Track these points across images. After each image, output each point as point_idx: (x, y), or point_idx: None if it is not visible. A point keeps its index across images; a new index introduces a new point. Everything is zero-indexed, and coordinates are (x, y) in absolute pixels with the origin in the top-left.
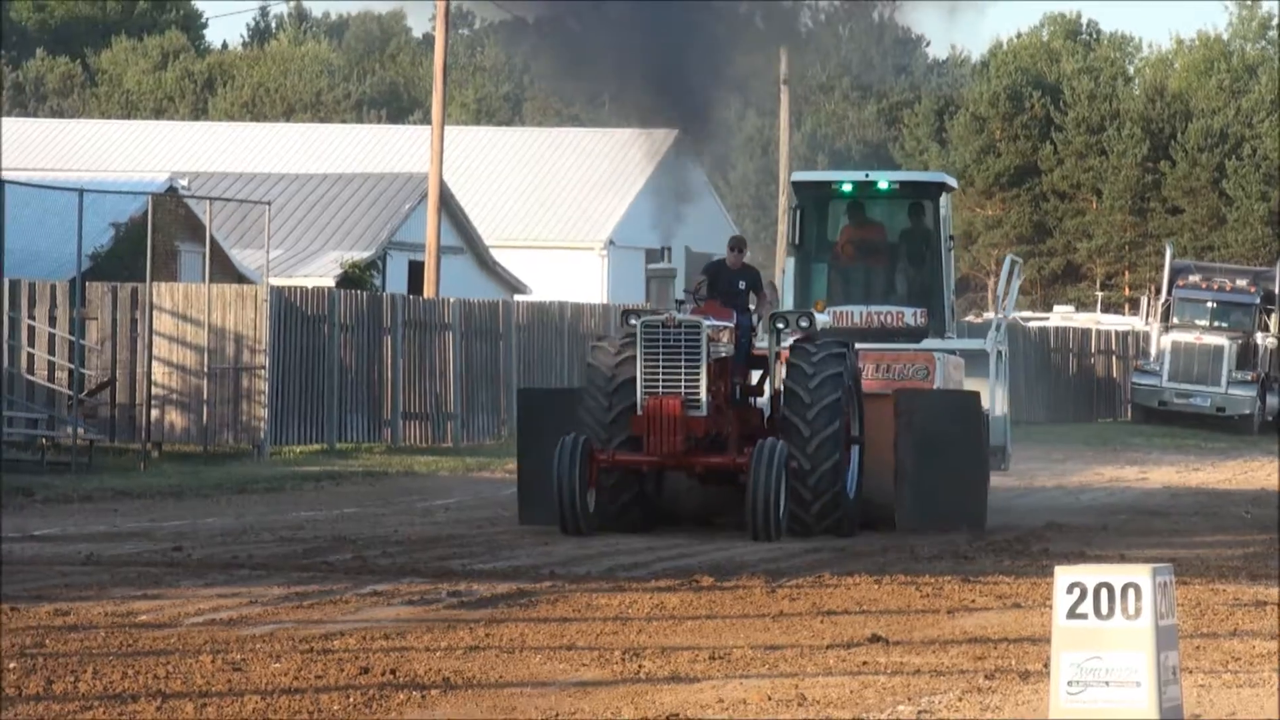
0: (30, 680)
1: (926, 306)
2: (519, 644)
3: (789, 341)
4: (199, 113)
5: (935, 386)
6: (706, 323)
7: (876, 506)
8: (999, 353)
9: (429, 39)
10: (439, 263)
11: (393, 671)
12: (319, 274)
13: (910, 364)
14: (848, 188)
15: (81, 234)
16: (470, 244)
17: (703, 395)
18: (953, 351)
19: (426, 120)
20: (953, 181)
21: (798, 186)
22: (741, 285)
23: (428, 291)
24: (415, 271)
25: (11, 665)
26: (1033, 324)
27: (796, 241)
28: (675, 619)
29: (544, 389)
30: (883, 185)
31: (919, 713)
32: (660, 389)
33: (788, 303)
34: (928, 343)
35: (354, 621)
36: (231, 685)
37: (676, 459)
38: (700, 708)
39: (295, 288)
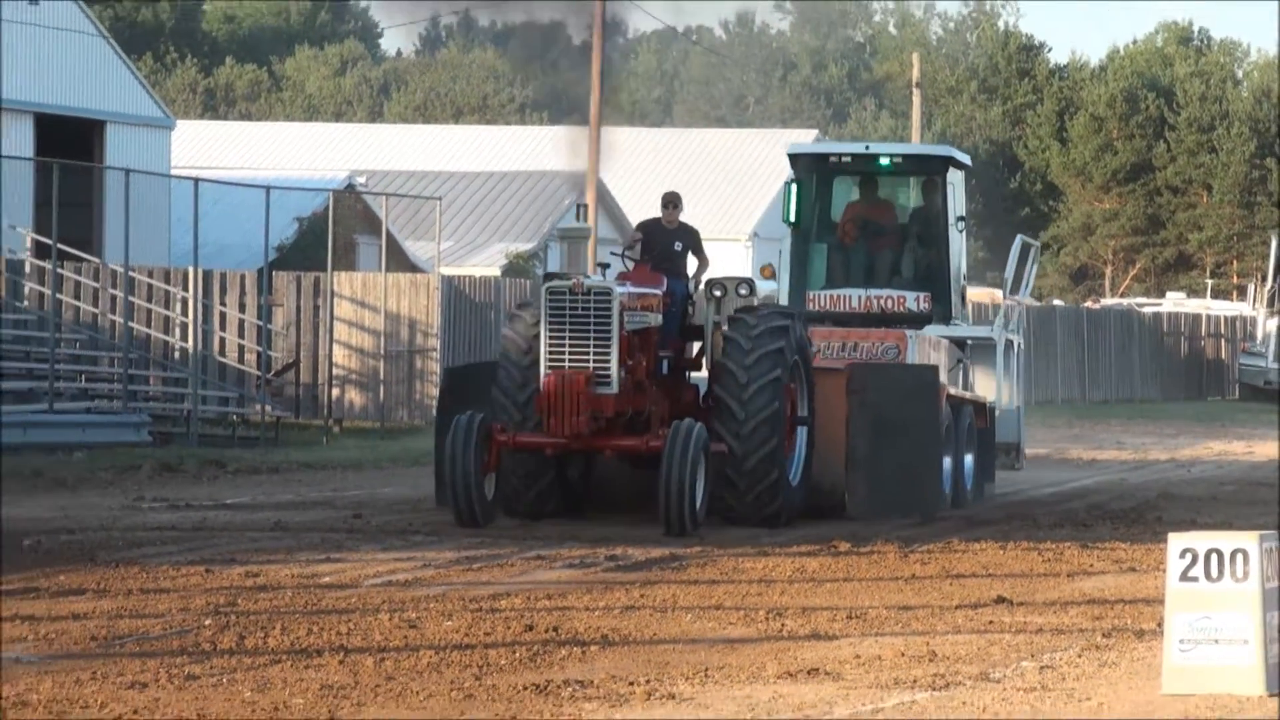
0: (224, 636)
1: (931, 291)
2: (671, 604)
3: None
4: (375, 116)
5: (909, 364)
6: (620, 289)
7: (824, 493)
8: (1009, 342)
9: (587, 46)
10: (596, 253)
11: (555, 629)
12: (485, 264)
13: (879, 343)
14: (847, 160)
15: (269, 228)
16: (625, 236)
17: (613, 370)
18: (963, 343)
19: (584, 121)
20: (962, 157)
21: (794, 159)
22: (678, 246)
23: None
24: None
25: (207, 622)
26: (1146, 310)
27: (793, 219)
28: (815, 581)
29: (469, 364)
30: (884, 159)
31: (1041, 669)
32: (566, 363)
33: (783, 283)
34: (930, 330)
35: (519, 583)
36: (407, 641)
37: (582, 441)
38: (838, 663)
39: (464, 276)
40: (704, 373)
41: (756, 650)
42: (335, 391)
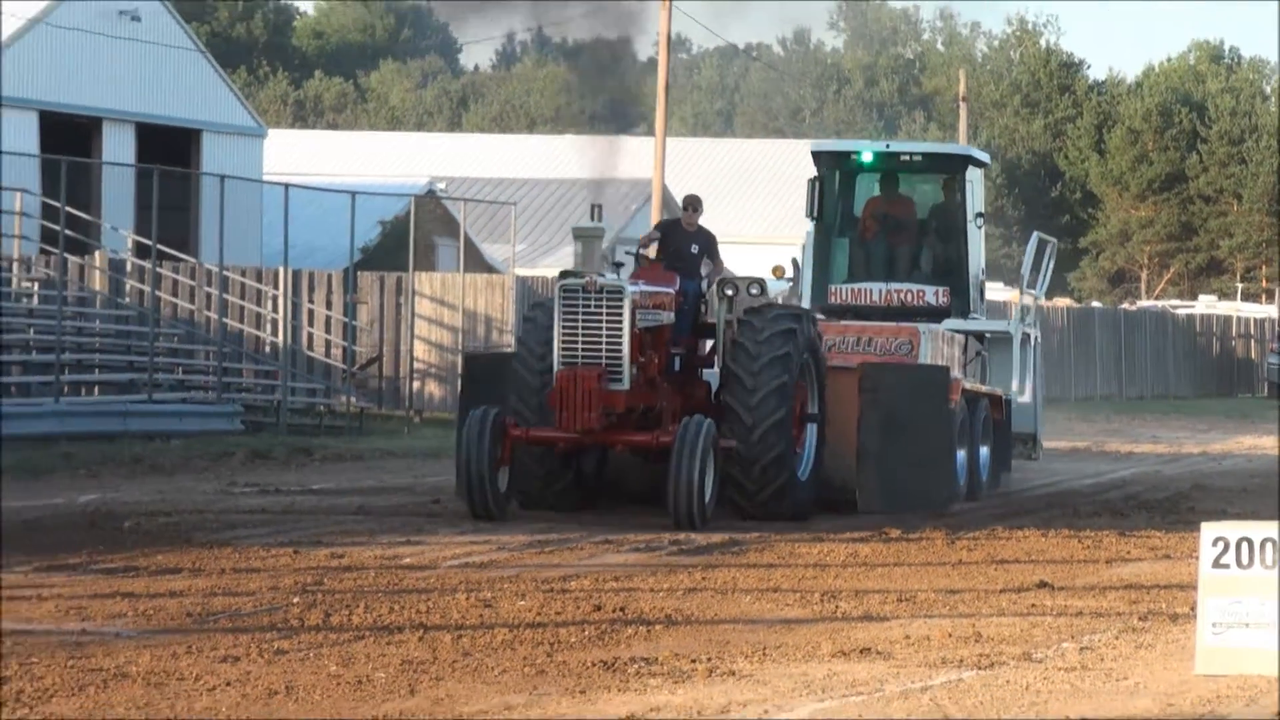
0: (311, 613)
1: (950, 285)
2: (731, 586)
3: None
4: (454, 125)
5: (920, 363)
6: (633, 288)
7: (836, 489)
8: (1025, 336)
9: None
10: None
11: (621, 609)
12: (557, 264)
13: (893, 338)
14: (867, 157)
15: (354, 231)
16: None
17: (624, 367)
18: (982, 336)
19: (650, 132)
20: (981, 156)
21: (817, 156)
22: (694, 249)
23: None
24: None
25: (295, 600)
26: (1180, 311)
27: (815, 214)
28: (867, 565)
29: (489, 353)
30: (904, 156)
31: (1081, 649)
32: (579, 359)
33: (806, 277)
34: (948, 323)
35: (588, 565)
36: (483, 619)
37: (594, 436)
38: (889, 643)
39: (536, 277)
40: (716, 369)
41: (812, 630)
42: (416, 384)
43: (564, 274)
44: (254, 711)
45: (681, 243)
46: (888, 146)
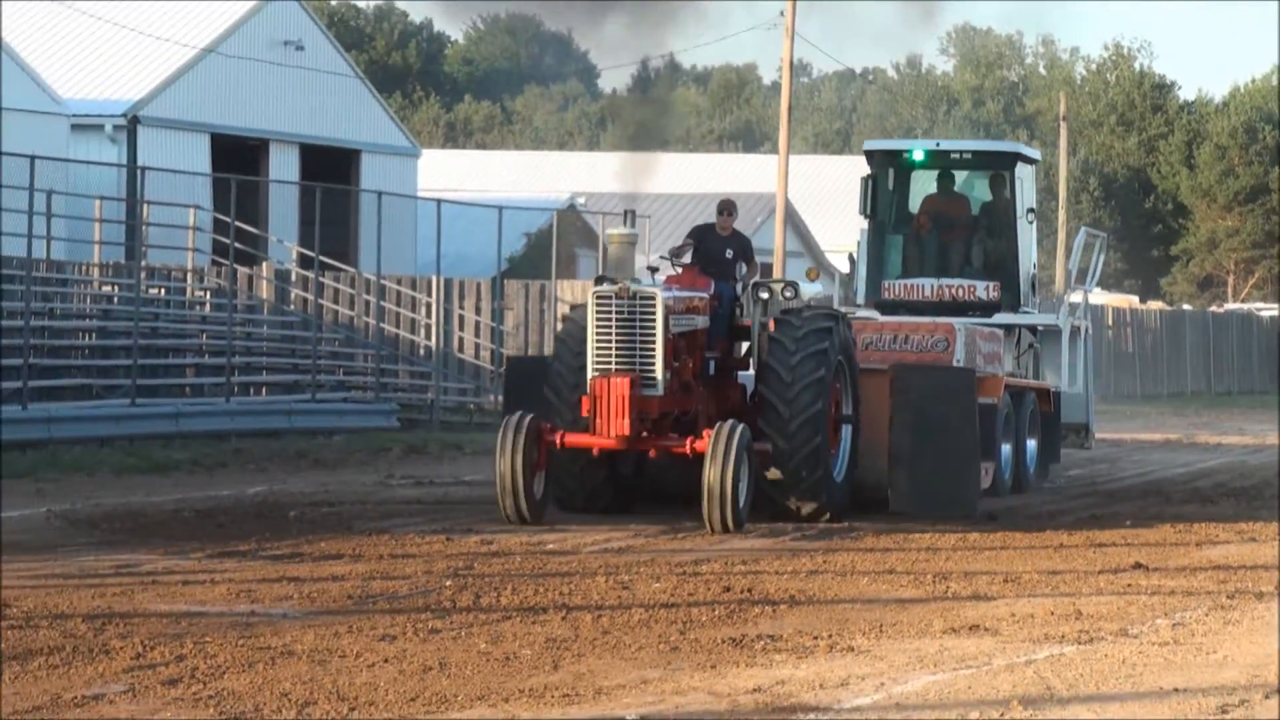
0: (462, 595)
1: (1000, 280)
2: (850, 569)
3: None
4: (593, 145)
5: (956, 359)
6: (666, 294)
7: (869, 489)
8: (1075, 329)
9: (776, 85)
10: (785, 263)
11: (749, 590)
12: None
13: (929, 335)
14: (919, 155)
15: (501, 242)
16: (809, 248)
17: (658, 373)
18: (1034, 328)
19: (774, 150)
20: (1031, 152)
21: (870, 155)
22: (729, 253)
23: None
24: (765, 272)
25: (448, 584)
26: (1264, 314)
27: (869, 212)
28: (975, 549)
29: (533, 358)
30: (954, 154)
31: (1174, 625)
32: (613, 366)
33: (860, 273)
34: (999, 317)
35: (717, 550)
36: (621, 600)
37: (629, 442)
38: (996, 620)
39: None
40: (751, 372)
41: (925, 609)
42: None
43: (599, 280)
44: (410, 686)
45: (716, 247)
46: (938, 145)
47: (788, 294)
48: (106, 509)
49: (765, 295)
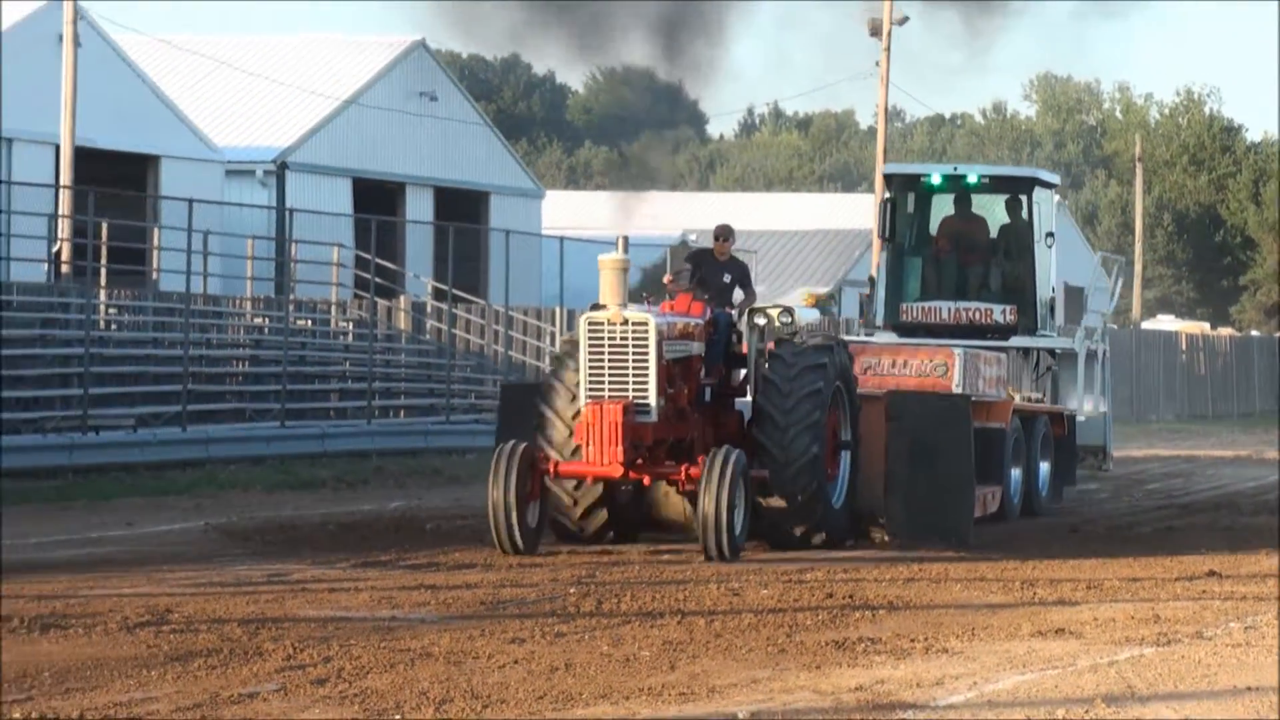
0: (585, 601)
1: (1018, 304)
2: (943, 576)
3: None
4: (703, 185)
5: (955, 384)
6: (659, 319)
7: (865, 516)
8: (1091, 352)
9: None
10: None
11: (850, 596)
12: (792, 303)
13: (928, 360)
14: (937, 180)
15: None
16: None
17: (652, 399)
18: (1054, 352)
19: (871, 190)
20: (1049, 177)
21: (890, 179)
22: (727, 278)
23: None
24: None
25: (572, 591)
26: None
27: (887, 234)
28: (1059, 557)
29: (525, 384)
30: (971, 179)
31: (1246, 629)
32: (606, 393)
33: (879, 295)
34: (1015, 340)
35: (820, 559)
36: (731, 605)
37: (621, 469)
38: (1080, 624)
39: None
40: (749, 399)
41: (1013, 614)
42: None
43: (594, 307)
44: (538, 685)
45: (713, 273)
46: (955, 169)
47: (784, 320)
48: (259, 522)
49: (762, 321)
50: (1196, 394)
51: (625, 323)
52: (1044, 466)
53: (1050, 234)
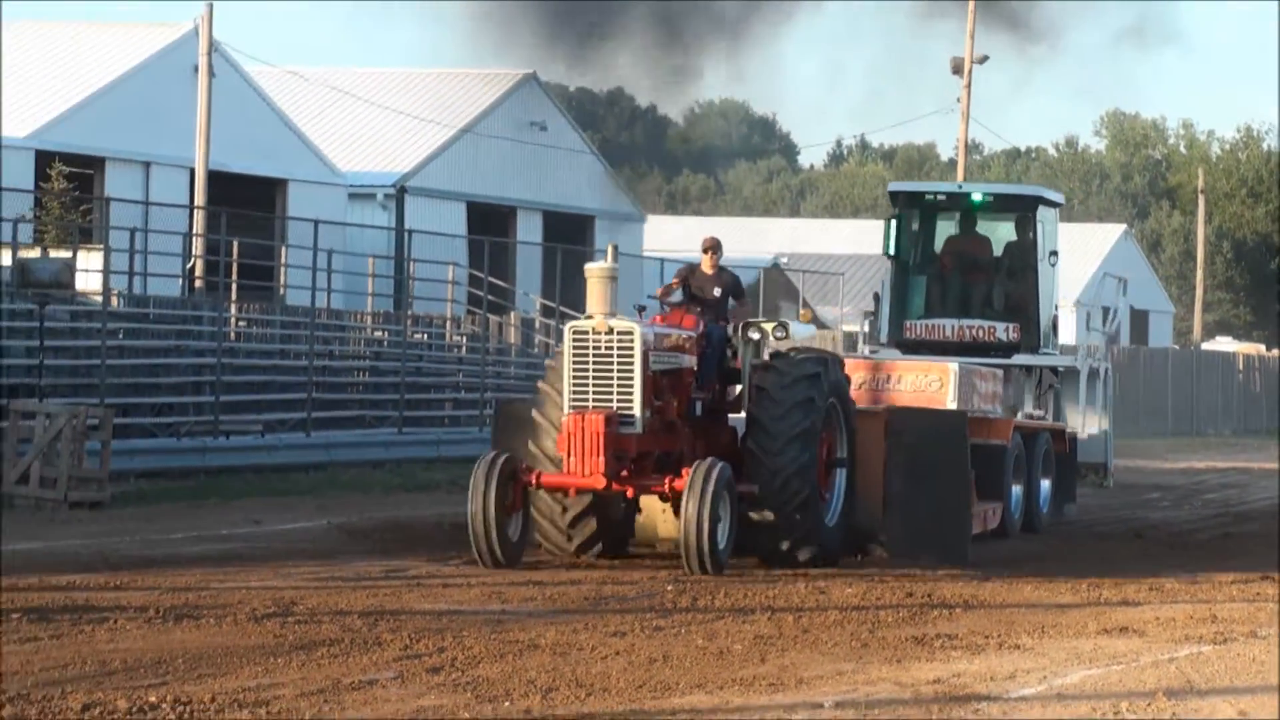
0: (682, 598)
1: (1020, 322)
2: (1015, 577)
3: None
4: (794, 212)
5: (949, 400)
6: (646, 330)
7: (864, 533)
8: (1094, 371)
9: (952, 162)
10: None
11: (928, 595)
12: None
13: (923, 375)
14: (941, 198)
15: None
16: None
17: (637, 410)
18: (1056, 370)
19: None
20: (1054, 196)
21: (895, 196)
22: (717, 291)
23: None
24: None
25: (669, 588)
26: None
27: (892, 252)
28: (1124, 560)
29: (522, 402)
30: (976, 197)
31: None
32: (590, 403)
33: (884, 312)
34: (1018, 358)
35: (901, 562)
36: (818, 603)
37: (603, 481)
38: (1142, 623)
39: (859, 332)
40: (743, 414)
41: (1080, 613)
42: None
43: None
44: (638, 675)
45: (704, 286)
46: (960, 187)
47: (779, 334)
48: (377, 521)
49: (756, 336)
50: (1252, 410)
51: (610, 332)
52: (1045, 483)
53: (1054, 252)
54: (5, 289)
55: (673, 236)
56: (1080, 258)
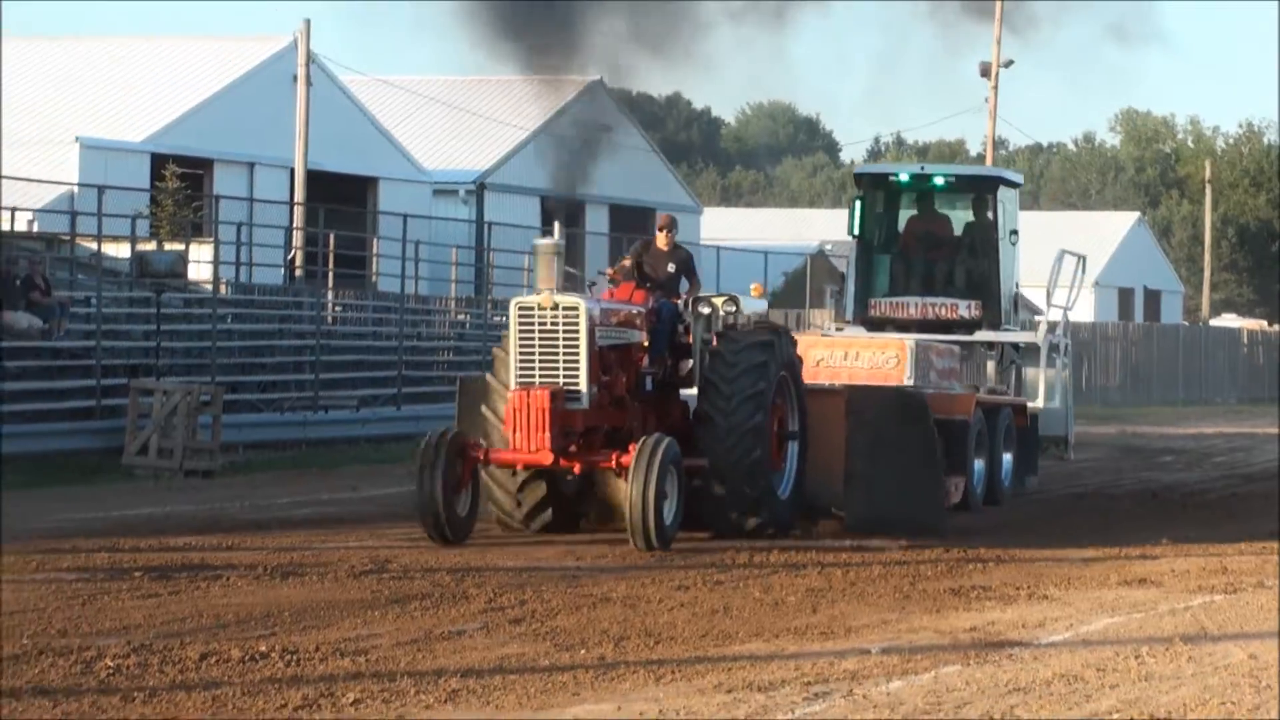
0: (740, 555)
1: (982, 299)
2: (1043, 533)
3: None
4: (836, 204)
5: (906, 376)
6: (592, 305)
7: (821, 510)
8: (1053, 345)
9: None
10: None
11: (964, 550)
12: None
13: (880, 352)
14: (905, 179)
15: (767, 279)
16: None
17: (583, 386)
18: (1018, 346)
19: None
20: (1014, 176)
21: (859, 178)
22: (671, 268)
23: None
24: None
25: (727, 546)
26: None
27: (856, 233)
28: (1141, 517)
29: (481, 377)
30: (938, 179)
31: None
32: (536, 379)
33: (849, 290)
34: (979, 335)
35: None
36: (863, 559)
37: (552, 456)
38: (1159, 575)
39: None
40: (695, 390)
41: (1103, 566)
42: None
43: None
44: (701, 625)
45: (656, 263)
46: (922, 168)
47: (729, 309)
48: None
49: (707, 311)
50: (1255, 381)
51: (556, 307)
52: (1007, 457)
53: (1014, 231)
54: (125, 279)
55: (727, 226)
56: (1098, 243)
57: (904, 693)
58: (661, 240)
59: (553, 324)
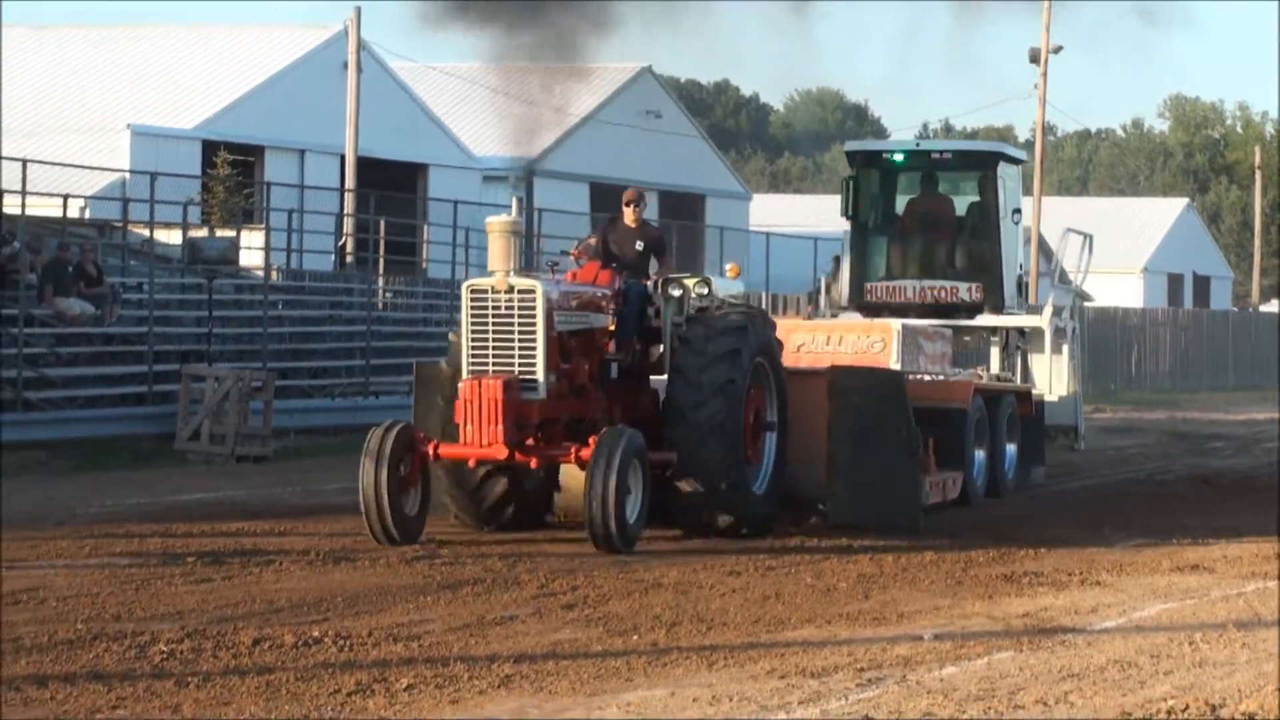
0: (791, 540)
1: (983, 282)
2: (1096, 522)
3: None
4: None
5: (893, 361)
6: (550, 288)
7: (804, 501)
8: (1059, 329)
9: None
10: (1037, 284)
11: (1014, 539)
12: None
13: (864, 336)
14: (899, 156)
15: (816, 264)
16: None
17: (540, 375)
18: (1022, 331)
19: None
20: (1014, 152)
21: (852, 156)
22: (639, 246)
23: None
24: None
25: (778, 532)
26: None
27: (850, 213)
28: (1192, 503)
29: (436, 362)
30: (934, 155)
31: None
32: (490, 367)
33: (845, 274)
34: (981, 319)
35: (988, 503)
36: (913, 546)
37: (506, 450)
38: (1212, 561)
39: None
40: (664, 377)
41: (1155, 552)
42: None
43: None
44: (753, 611)
45: (623, 242)
46: (919, 145)
47: (701, 290)
48: None
49: (677, 293)
50: None
51: (511, 290)
52: (1010, 448)
53: (1017, 210)
54: (177, 265)
55: (776, 212)
56: (1147, 229)
57: (957, 678)
58: (629, 216)
59: (507, 308)
